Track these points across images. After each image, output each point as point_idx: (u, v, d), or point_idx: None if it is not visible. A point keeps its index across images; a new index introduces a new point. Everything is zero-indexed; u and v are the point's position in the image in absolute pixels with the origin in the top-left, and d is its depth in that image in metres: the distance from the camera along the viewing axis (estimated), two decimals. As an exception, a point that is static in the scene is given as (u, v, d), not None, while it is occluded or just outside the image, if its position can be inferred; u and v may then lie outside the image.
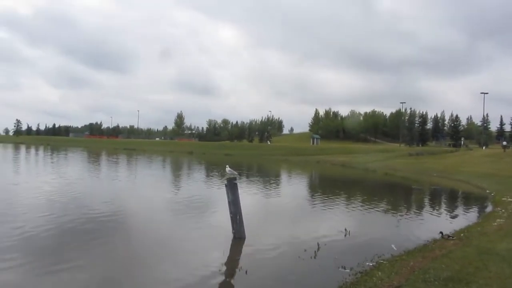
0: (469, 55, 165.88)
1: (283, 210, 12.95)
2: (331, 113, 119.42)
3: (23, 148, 56.41)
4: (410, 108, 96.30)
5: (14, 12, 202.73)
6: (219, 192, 16.14)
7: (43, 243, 7.36)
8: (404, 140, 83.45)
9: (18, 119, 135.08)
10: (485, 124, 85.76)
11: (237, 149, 69.95)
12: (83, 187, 15.60)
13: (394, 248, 8.07)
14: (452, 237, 8.60)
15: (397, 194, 19.15)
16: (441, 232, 8.85)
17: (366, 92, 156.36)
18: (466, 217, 12.24)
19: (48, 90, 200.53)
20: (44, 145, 69.83)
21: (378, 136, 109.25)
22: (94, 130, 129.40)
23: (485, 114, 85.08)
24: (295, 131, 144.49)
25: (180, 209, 11.79)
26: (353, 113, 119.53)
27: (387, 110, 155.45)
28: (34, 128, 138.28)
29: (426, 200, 16.82)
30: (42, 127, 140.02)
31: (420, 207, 14.63)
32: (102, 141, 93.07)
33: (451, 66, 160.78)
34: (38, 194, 12.82)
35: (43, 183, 15.75)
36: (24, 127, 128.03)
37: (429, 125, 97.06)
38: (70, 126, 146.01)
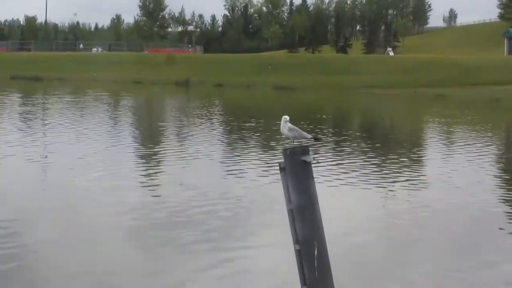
0: None
1: (436, 226, 13.33)
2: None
3: None
4: None
5: None
6: (262, 185, 16.45)
7: None
8: None
9: None
10: None
11: (305, 72, 70.47)
12: None
13: None
14: None
15: None
16: None
17: None
18: None
19: None
20: None
21: None
22: None
23: None
24: (461, 20, 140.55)
25: (170, 232, 12.33)
26: None
27: None
28: None
29: None
30: None
31: None
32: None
33: None
34: None
35: None
36: None
37: None
38: None
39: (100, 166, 19.39)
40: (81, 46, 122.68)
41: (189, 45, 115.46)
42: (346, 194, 16.04)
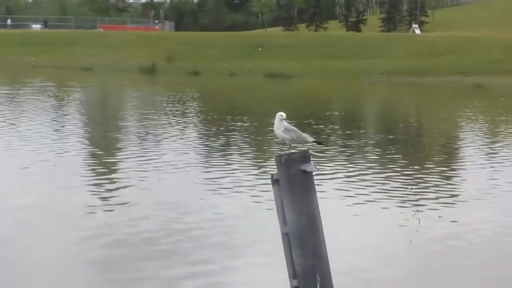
0: None
1: (479, 256, 13.54)
2: None
3: None
4: None
5: None
6: (250, 202, 16.57)
7: None
8: None
9: None
10: None
11: (306, 56, 71.27)
12: None
13: None
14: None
15: None
16: None
17: None
18: None
19: None
20: None
21: None
22: None
23: None
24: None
25: (143, 264, 12.53)
26: None
27: None
28: None
29: None
30: None
31: None
32: None
33: None
34: None
35: None
36: None
37: None
38: None
39: (48, 179, 19.30)
40: (9, 22, 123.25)
41: (156, 21, 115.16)
42: (358, 213, 15.93)
